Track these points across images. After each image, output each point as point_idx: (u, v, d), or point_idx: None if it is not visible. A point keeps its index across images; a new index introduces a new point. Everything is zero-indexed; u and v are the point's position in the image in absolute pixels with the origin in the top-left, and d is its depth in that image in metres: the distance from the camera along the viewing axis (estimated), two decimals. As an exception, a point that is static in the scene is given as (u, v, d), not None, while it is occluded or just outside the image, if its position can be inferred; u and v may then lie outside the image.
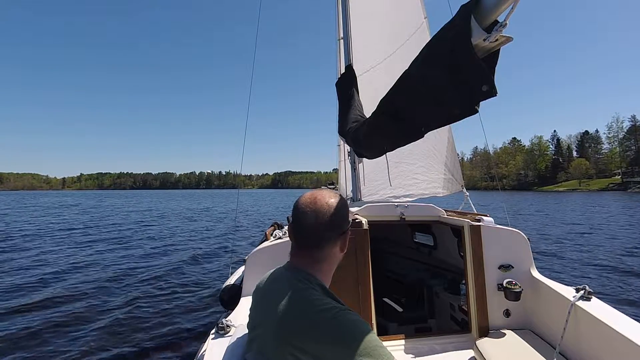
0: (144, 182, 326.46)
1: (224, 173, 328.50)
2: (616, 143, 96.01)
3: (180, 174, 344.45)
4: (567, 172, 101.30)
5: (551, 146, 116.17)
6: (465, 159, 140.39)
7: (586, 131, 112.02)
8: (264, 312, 0.94)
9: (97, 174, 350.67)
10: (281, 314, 0.85)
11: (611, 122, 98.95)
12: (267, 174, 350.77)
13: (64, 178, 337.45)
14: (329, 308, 0.82)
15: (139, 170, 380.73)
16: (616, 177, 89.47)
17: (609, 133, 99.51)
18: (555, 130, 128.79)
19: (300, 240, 0.97)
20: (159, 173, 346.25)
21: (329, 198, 0.97)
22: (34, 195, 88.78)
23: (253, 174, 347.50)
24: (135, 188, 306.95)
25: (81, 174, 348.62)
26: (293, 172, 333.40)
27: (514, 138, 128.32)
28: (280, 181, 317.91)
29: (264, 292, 1.00)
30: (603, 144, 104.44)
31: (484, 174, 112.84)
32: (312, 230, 0.93)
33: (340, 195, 1.03)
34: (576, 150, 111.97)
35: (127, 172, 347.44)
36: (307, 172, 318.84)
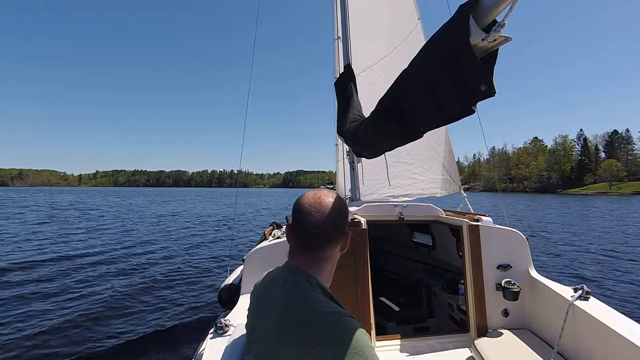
0: (157, 179, 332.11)
1: (236, 171, 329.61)
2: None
3: (192, 172, 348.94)
4: (595, 173, 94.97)
5: (577, 146, 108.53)
6: (482, 159, 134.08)
7: (615, 130, 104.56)
8: (262, 314, 0.92)
9: (112, 171, 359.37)
10: (282, 316, 0.84)
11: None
12: (278, 172, 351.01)
13: (80, 175, 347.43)
14: (332, 312, 0.81)
15: (153, 168, 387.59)
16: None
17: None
18: (582, 129, 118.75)
19: (303, 240, 0.94)
20: (172, 171, 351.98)
21: (331, 198, 0.96)
22: (50, 192, 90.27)
23: (264, 173, 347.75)
24: (149, 185, 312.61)
25: (97, 171, 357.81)
26: (305, 171, 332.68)
27: (535, 137, 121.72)
28: (291, 180, 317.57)
29: (262, 294, 0.98)
30: (635, 144, 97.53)
31: (503, 175, 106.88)
32: (318, 230, 0.91)
33: (338, 194, 1.03)
34: (604, 151, 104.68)
35: (141, 170, 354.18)
36: (318, 171, 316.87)
